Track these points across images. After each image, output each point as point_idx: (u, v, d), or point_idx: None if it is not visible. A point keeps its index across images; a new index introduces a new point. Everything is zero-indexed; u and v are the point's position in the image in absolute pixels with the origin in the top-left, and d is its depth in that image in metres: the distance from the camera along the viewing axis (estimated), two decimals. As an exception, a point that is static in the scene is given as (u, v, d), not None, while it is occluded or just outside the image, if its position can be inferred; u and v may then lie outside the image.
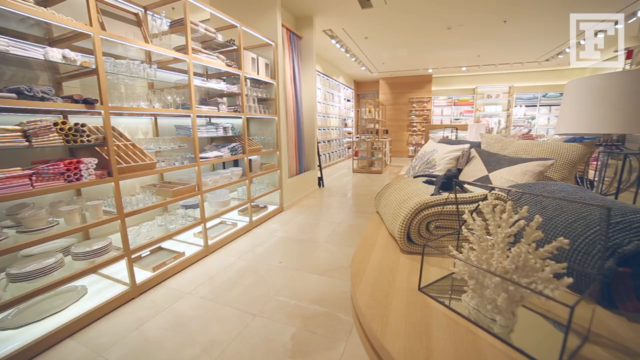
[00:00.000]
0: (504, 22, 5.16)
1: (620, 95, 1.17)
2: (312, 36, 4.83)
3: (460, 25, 5.27)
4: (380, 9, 4.53)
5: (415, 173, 1.49)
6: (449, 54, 7.38)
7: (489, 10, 4.64)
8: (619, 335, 0.57)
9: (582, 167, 1.74)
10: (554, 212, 0.81)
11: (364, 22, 5.17)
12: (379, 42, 6.44)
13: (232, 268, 2.47)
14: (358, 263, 0.82)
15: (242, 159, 3.34)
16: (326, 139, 8.22)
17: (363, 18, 4.96)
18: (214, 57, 2.80)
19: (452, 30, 5.51)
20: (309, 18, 4.78)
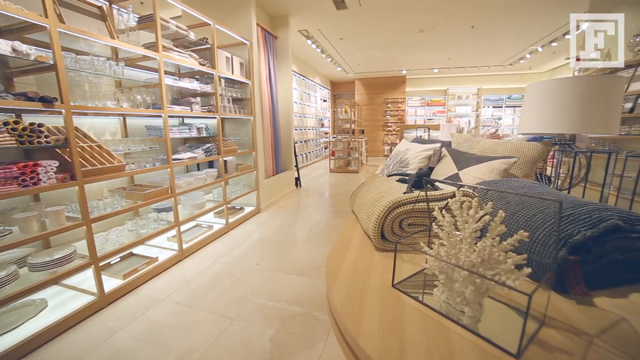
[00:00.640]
0: (472, 28, 5.41)
1: (570, 99, 1.27)
2: (287, 36, 4.81)
3: (431, 28, 5.46)
4: (355, 10, 4.59)
5: (389, 172, 1.53)
6: (422, 56, 7.62)
7: (457, 15, 4.85)
8: (570, 318, 0.62)
9: (542, 164, 1.87)
10: (517, 207, 0.87)
11: (339, 23, 5.22)
12: (354, 43, 6.52)
13: (209, 272, 2.41)
14: (333, 262, 0.83)
15: (217, 160, 3.27)
16: (303, 139, 8.22)
17: (338, 19, 5.01)
18: (186, 56, 2.71)
19: (424, 33, 5.70)
20: (285, 18, 4.76)
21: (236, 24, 3.71)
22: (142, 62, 2.58)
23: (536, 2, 4.38)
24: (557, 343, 0.55)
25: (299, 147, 7.70)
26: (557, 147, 1.51)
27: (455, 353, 0.52)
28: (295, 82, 7.64)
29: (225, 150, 3.30)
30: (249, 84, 3.76)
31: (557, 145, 1.51)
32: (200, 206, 2.99)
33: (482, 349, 0.53)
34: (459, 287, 0.61)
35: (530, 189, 0.98)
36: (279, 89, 4.82)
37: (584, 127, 1.24)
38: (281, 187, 4.82)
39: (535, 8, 4.58)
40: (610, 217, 0.72)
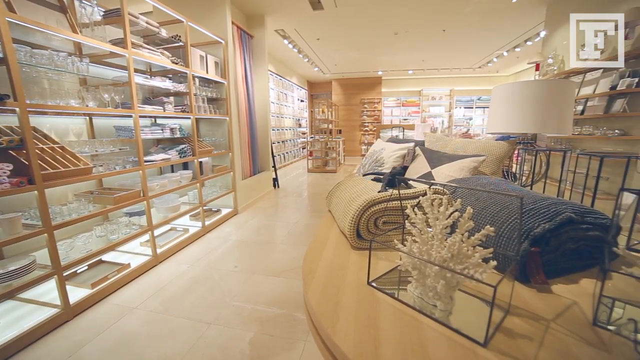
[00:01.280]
0: (443, 31, 5.61)
1: (530, 101, 1.35)
2: (264, 35, 4.76)
3: (405, 31, 5.60)
4: (331, 11, 4.62)
5: (365, 171, 1.56)
6: (397, 58, 7.80)
7: (430, 19, 5.01)
8: (531, 305, 0.66)
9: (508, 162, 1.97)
10: (485, 203, 0.91)
11: (315, 23, 5.24)
12: (330, 44, 6.57)
13: (185, 276, 2.34)
14: (310, 262, 0.83)
15: (192, 162, 3.17)
16: (280, 139, 8.17)
17: (315, 19, 5.02)
18: (157, 54, 2.62)
19: (398, 35, 5.84)
20: (261, 17, 4.70)
21: (211, 22, 3.63)
22: (109, 59, 2.46)
23: (500, 11, 4.63)
24: (520, 330, 0.58)
25: (276, 148, 7.64)
26: (521, 146, 1.61)
27: (428, 346, 0.54)
28: (272, 82, 7.57)
29: (201, 151, 3.22)
30: (224, 83, 3.68)
31: (520, 144, 1.61)
32: (175, 209, 2.90)
33: (453, 340, 0.56)
34: (431, 282, 0.64)
35: (497, 186, 1.04)
36: (256, 89, 4.76)
37: (543, 127, 1.32)
38: (259, 188, 4.76)
39: (500, 16, 4.85)
40: (565, 210, 0.77)
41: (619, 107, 3.02)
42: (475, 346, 0.54)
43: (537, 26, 5.12)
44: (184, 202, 3.36)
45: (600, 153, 1.09)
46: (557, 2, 4.18)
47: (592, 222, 0.79)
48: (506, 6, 4.43)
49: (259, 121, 4.84)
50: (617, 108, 3.05)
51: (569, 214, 0.77)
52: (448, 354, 0.52)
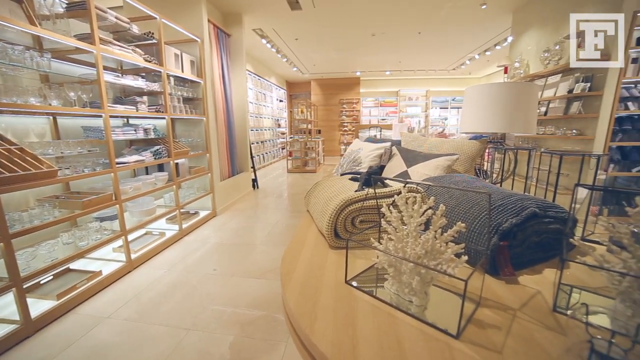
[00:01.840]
0: (419, 34, 5.76)
1: (499, 102, 1.42)
2: (241, 34, 4.68)
3: (382, 32, 5.70)
4: (309, 11, 4.62)
5: (343, 171, 1.58)
6: (374, 59, 7.92)
7: (406, 21, 5.13)
8: (500, 297, 0.69)
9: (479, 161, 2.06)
10: (458, 200, 0.95)
11: (294, 23, 5.22)
12: (309, 44, 6.57)
13: (161, 282, 2.27)
14: (288, 263, 0.83)
15: (167, 163, 3.07)
16: (259, 139, 8.08)
17: (293, 19, 5.00)
18: (129, 51, 2.51)
19: (376, 36, 5.93)
20: (238, 15, 4.62)
21: (186, 19, 3.52)
22: (74, 55, 2.33)
23: (471, 17, 4.83)
24: (490, 320, 0.61)
25: (255, 148, 7.55)
26: (491, 145, 1.68)
27: (404, 341, 0.55)
28: (250, 81, 7.47)
29: (177, 153, 3.12)
30: (200, 82, 3.59)
31: (491, 143, 1.69)
32: (150, 212, 2.80)
33: (428, 334, 0.57)
34: (406, 279, 0.65)
35: (469, 184, 1.08)
36: (234, 89, 4.68)
37: (511, 127, 1.39)
38: (238, 189, 4.69)
39: (471, 21, 5.06)
40: (530, 205, 0.82)
41: (575, 109, 3.25)
42: (449, 338, 0.56)
43: (505, 32, 5.39)
44: (160, 205, 3.25)
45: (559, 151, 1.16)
46: (522, 11, 4.43)
47: (553, 216, 0.85)
48: (476, 12, 4.62)
49: (237, 121, 4.76)
50: (574, 110, 3.28)
51: (533, 208, 0.82)
52: (423, 347, 0.54)
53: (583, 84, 3.15)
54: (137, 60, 2.58)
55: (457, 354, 0.52)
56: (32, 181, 1.75)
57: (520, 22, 4.48)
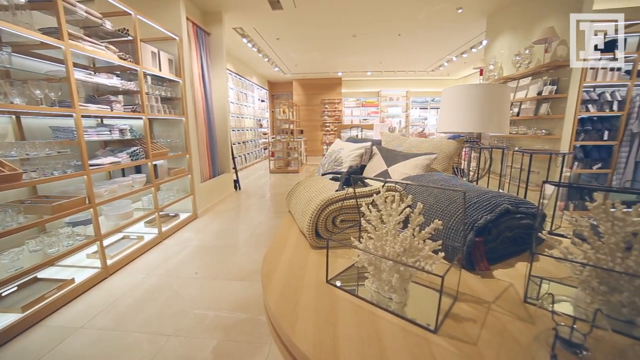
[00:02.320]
0: (399, 35, 5.86)
1: (474, 102, 1.47)
2: (221, 33, 4.60)
3: (363, 34, 5.77)
4: (290, 11, 4.61)
5: (324, 171, 1.59)
6: (356, 59, 8.00)
7: (386, 23, 5.21)
8: (476, 290, 0.72)
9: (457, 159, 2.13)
10: (436, 198, 0.97)
11: (275, 23, 5.19)
12: (290, 44, 6.55)
13: (140, 287, 2.19)
14: (269, 264, 0.83)
15: (145, 165, 2.97)
16: (241, 140, 7.97)
17: (274, 19, 4.97)
18: (102, 48, 2.40)
19: (357, 37, 5.99)
20: (218, 14, 4.54)
21: (163, 16, 3.42)
22: (40, 50, 2.20)
23: (448, 20, 4.98)
24: (466, 314, 0.63)
25: (237, 149, 7.45)
26: (467, 144, 1.74)
27: (384, 338, 0.56)
28: (231, 81, 7.36)
29: (155, 154, 3.03)
30: (179, 82, 3.50)
31: (467, 143, 1.75)
32: (127, 216, 2.70)
33: (407, 330, 0.59)
34: (386, 277, 0.67)
35: (447, 182, 1.11)
36: (214, 88, 4.59)
37: (485, 127, 1.45)
38: (219, 190, 4.61)
39: (448, 25, 5.21)
40: (503, 202, 0.85)
41: (544, 110, 3.45)
42: (427, 333, 0.58)
43: (480, 35, 5.59)
44: (138, 208, 3.14)
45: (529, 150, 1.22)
46: (495, 16, 4.63)
47: (524, 212, 0.89)
48: (453, 16, 4.77)
49: (217, 121, 4.67)
50: (543, 111, 3.47)
51: (506, 205, 0.85)
52: (402, 343, 0.55)
53: (550, 87, 3.34)
54: (111, 57, 2.49)
55: (435, 348, 0.54)
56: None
57: (494, 27, 4.68)
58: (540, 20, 3.61)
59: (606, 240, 0.60)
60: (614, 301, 0.58)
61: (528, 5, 3.84)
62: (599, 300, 0.60)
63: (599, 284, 0.59)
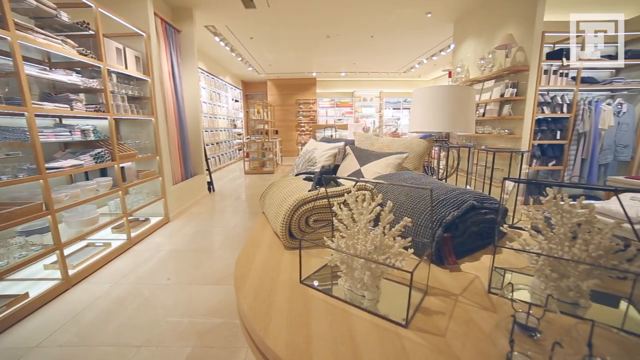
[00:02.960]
0: (372, 37, 5.98)
1: (442, 103, 1.54)
2: (192, 31, 4.46)
3: (337, 35, 5.82)
4: (263, 10, 4.55)
5: (298, 171, 1.59)
6: (330, 60, 8.05)
7: (359, 25, 5.29)
8: (445, 284, 0.75)
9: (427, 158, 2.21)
10: (406, 196, 1.00)
11: (248, 22, 5.11)
12: (264, 44, 6.47)
13: (107, 297, 2.07)
14: (242, 266, 0.81)
15: (111, 167, 2.82)
16: (214, 140, 7.77)
17: (247, 18, 4.89)
18: (57, 41, 2.24)
19: (331, 38, 6.04)
20: (188, 11, 4.39)
21: (129, 11, 3.25)
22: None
23: (418, 24, 5.15)
24: (436, 307, 0.66)
25: (210, 150, 7.26)
26: (437, 143, 1.81)
27: (357, 335, 0.57)
28: (203, 80, 7.16)
29: (122, 156, 2.88)
30: (148, 80, 3.35)
31: (436, 142, 1.82)
32: (92, 222, 2.54)
33: (379, 326, 0.60)
34: (358, 274, 0.68)
35: (417, 180, 1.15)
36: (185, 88, 4.44)
37: (453, 127, 1.51)
38: (192, 192, 4.46)
39: (418, 28, 5.40)
40: (469, 198, 0.89)
41: (506, 111, 3.71)
42: (398, 328, 0.59)
43: (448, 39, 5.84)
44: (104, 213, 2.97)
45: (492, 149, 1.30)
46: (461, 21, 4.86)
47: (488, 207, 0.94)
48: (423, 20, 4.94)
49: (189, 122, 4.52)
50: (505, 112, 3.72)
51: (471, 201, 0.90)
52: (375, 339, 0.56)
53: (511, 89, 3.58)
54: (69, 52, 2.33)
55: (406, 342, 0.55)
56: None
57: (460, 31, 4.90)
58: (501, 27, 3.84)
59: (557, 231, 0.64)
60: (563, 286, 0.63)
61: (490, 13, 4.07)
62: (551, 286, 0.64)
63: (551, 272, 0.63)
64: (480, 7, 4.28)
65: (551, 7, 3.39)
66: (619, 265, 0.58)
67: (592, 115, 3.45)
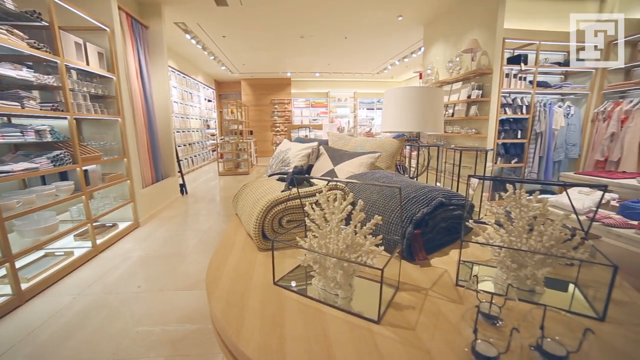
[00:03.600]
0: (345, 38, 6.04)
1: (414, 104, 1.59)
2: (161, 27, 4.27)
3: (311, 35, 5.83)
4: (236, 9, 4.46)
5: (272, 171, 1.58)
6: (304, 60, 8.05)
7: (332, 26, 5.33)
8: (415, 279, 0.77)
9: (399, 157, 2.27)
10: (378, 195, 1.02)
11: (220, 20, 4.98)
12: (238, 43, 6.35)
13: (69, 310, 1.94)
14: (214, 270, 0.80)
15: (73, 171, 2.64)
16: (187, 141, 7.51)
17: (219, 16, 4.77)
18: (2, 32, 2.04)
19: (305, 39, 6.03)
20: (157, 6, 4.21)
21: (90, 3, 3.04)
22: None
23: (390, 26, 5.28)
24: (407, 302, 0.68)
25: (182, 151, 7.01)
26: (408, 143, 1.87)
27: (330, 333, 0.58)
28: (174, 79, 6.90)
29: (85, 158, 2.70)
30: (113, 78, 3.18)
31: (408, 141, 1.87)
32: (50, 230, 2.37)
33: (352, 323, 0.61)
34: (331, 274, 0.68)
35: (389, 179, 1.18)
36: (155, 87, 4.26)
37: (423, 126, 1.57)
38: (163, 195, 4.29)
39: (391, 31, 5.53)
40: (438, 195, 0.93)
41: (473, 112, 3.92)
42: (371, 324, 0.60)
43: (419, 42, 6.02)
44: (65, 219, 2.77)
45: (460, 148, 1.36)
46: (430, 25, 5.06)
47: (456, 203, 0.98)
48: (394, 22, 5.07)
49: (159, 122, 4.34)
50: (472, 112, 3.94)
51: (440, 198, 0.93)
52: (348, 337, 0.57)
53: (477, 91, 3.79)
54: (17, 45, 2.13)
55: (378, 337, 0.57)
56: None
57: (430, 35, 5.09)
58: (467, 32, 4.04)
59: (516, 224, 0.69)
60: (521, 275, 0.67)
61: (457, 18, 4.27)
62: (512, 276, 0.69)
63: (512, 262, 0.68)
64: (448, 12, 4.46)
65: (510, 15, 3.64)
66: (567, 253, 0.63)
67: (547, 117, 3.75)
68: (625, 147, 3.36)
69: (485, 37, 3.71)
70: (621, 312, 0.62)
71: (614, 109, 3.53)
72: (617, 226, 1.83)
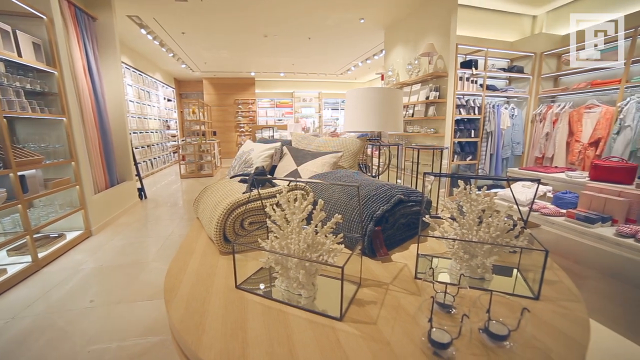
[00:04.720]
0: (309, 39, 6.06)
1: (375, 104, 1.64)
2: (112, 20, 3.96)
3: (274, 35, 5.76)
4: (196, 4, 4.28)
5: (235, 173, 1.54)
6: (268, 60, 7.94)
7: (296, 26, 5.32)
8: (377, 275, 0.80)
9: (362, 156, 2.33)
10: (339, 194, 1.04)
11: (179, 15, 4.75)
12: (198, 40, 6.10)
13: (3, 337, 1.72)
14: (173, 277, 0.76)
15: (5, 176, 2.36)
16: (145, 143, 7.08)
17: (177, 11, 4.55)
18: None
19: (268, 38, 5.95)
20: (105, -4, 3.90)
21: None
22: None
23: (353, 28, 5.39)
24: (369, 298, 0.70)
25: (140, 153, 6.59)
26: (370, 142, 1.92)
27: (293, 334, 0.58)
28: (129, 77, 6.45)
29: (21, 162, 2.43)
30: (54, 73, 2.89)
31: (370, 141, 1.93)
32: (-22, 244, 2.10)
33: (316, 322, 0.61)
34: (293, 274, 0.68)
35: (350, 178, 1.20)
36: (106, 84, 3.95)
37: (384, 126, 1.62)
38: (119, 201, 4.00)
39: (353, 33, 5.65)
40: (397, 193, 0.97)
41: (431, 112, 4.18)
42: (334, 322, 0.61)
43: (380, 44, 6.22)
44: (-3, 232, 2.47)
45: (417, 146, 1.43)
46: (391, 29, 5.27)
47: (414, 200, 1.02)
48: (356, 25, 5.18)
49: (113, 122, 4.04)
50: (430, 113, 4.20)
51: (399, 195, 0.97)
52: (310, 335, 0.57)
53: (434, 93, 4.03)
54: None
55: (341, 334, 0.58)
56: None
57: (390, 38, 5.29)
58: (424, 36, 4.27)
59: (467, 217, 0.74)
60: (473, 265, 0.72)
61: (415, 23, 4.50)
62: (464, 266, 0.73)
63: (464, 253, 0.72)
64: (407, 16, 4.67)
65: (462, 24, 3.94)
66: (510, 242, 0.69)
67: (495, 117, 4.15)
68: (556, 145, 3.92)
69: (441, 42, 3.94)
70: (552, 291, 0.70)
71: (547, 112, 4.08)
72: (552, 215, 2.11)
